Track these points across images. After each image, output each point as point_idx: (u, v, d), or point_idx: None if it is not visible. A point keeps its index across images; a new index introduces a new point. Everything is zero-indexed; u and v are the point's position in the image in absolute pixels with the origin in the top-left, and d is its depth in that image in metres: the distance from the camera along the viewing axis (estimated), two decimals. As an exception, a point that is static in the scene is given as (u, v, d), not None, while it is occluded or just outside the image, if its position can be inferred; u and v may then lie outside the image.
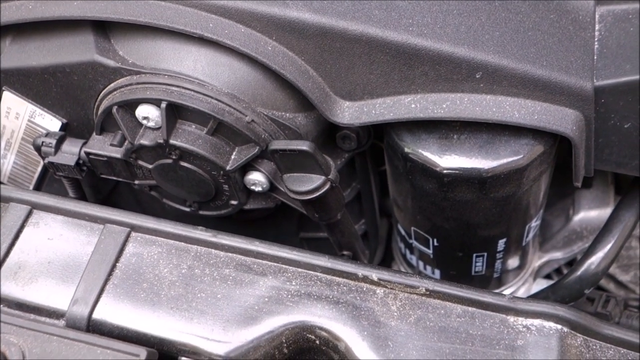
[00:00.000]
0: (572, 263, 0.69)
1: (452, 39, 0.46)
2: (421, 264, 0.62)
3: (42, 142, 0.54)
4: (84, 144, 0.54)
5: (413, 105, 0.48)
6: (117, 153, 0.52)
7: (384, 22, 0.46)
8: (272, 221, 0.64)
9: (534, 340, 0.42)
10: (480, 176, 0.48)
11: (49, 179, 0.67)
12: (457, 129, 0.49)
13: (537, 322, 0.43)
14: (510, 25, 0.47)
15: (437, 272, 0.62)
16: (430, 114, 0.48)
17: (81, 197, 0.61)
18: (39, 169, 0.64)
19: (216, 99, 0.48)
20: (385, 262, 0.74)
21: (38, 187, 0.67)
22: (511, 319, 0.43)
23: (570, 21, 0.48)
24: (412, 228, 0.58)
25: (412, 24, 0.46)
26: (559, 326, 0.42)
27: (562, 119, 0.46)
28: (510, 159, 0.48)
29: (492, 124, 0.48)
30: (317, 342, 0.44)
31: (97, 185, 0.62)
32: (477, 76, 0.46)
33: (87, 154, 0.53)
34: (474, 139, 0.49)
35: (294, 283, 0.45)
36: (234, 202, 0.55)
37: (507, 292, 0.64)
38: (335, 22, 0.46)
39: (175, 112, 0.49)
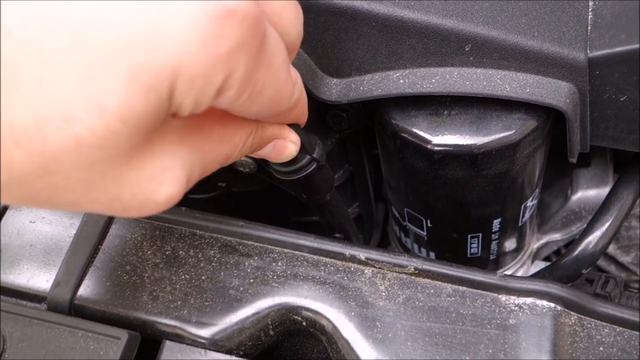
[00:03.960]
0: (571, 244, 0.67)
1: (439, 10, 0.44)
2: (416, 246, 0.61)
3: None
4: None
5: (402, 81, 0.47)
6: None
7: (369, -6, 0.45)
8: (264, 205, 0.63)
9: (526, 319, 0.41)
10: (471, 152, 0.47)
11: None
12: (448, 104, 0.48)
13: (529, 300, 0.41)
14: (501, -5, 0.45)
15: (432, 255, 0.60)
16: (419, 89, 0.46)
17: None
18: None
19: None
20: (382, 247, 0.73)
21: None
22: (503, 297, 0.42)
23: (563, -9, 0.46)
24: (405, 209, 0.57)
25: (399, -4, 0.45)
26: (552, 304, 0.41)
27: (555, 92, 0.45)
28: (501, 135, 0.46)
29: (483, 99, 0.47)
30: (304, 323, 0.42)
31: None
32: (467, 49, 0.45)
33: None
34: (465, 115, 0.47)
35: (279, 264, 0.44)
36: (221, 184, 0.54)
37: (504, 274, 0.63)
38: (319, -6, 0.45)
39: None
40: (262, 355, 0.44)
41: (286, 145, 0.41)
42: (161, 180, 0.29)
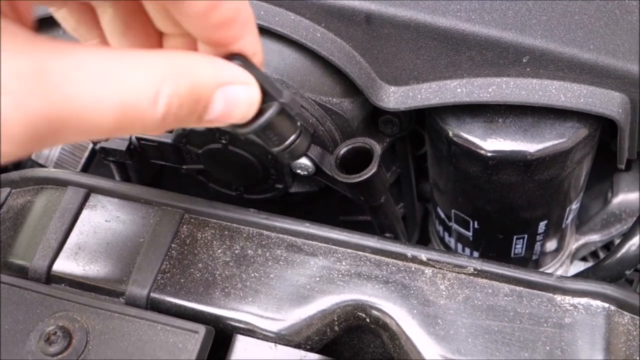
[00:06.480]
0: (609, 246, 0.69)
1: (499, 23, 0.47)
2: (459, 246, 0.63)
3: (94, 127, 0.55)
4: (134, 129, 0.55)
5: (459, 90, 0.49)
6: (167, 138, 0.54)
7: (432, 7, 0.47)
8: (313, 204, 0.65)
9: (581, 318, 0.43)
10: (525, 159, 0.49)
11: (95, 164, 0.69)
12: (502, 112, 0.50)
13: (584, 300, 0.44)
14: (557, 9, 0.47)
15: (476, 254, 0.62)
16: (476, 98, 0.48)
17: (127, 181, 0.63)
18: (86, 154, 0.66)
19: (266, 85, 0.49)
20: (421, 244, 0.75)
21: (84, 172, 0.69)
22: (558, 297, 0.44)
23: (617, 5, 0.48)
24: (453, 211, 0.59)
25: (460, 9, 0.47)
26: (606, 304, 0.43)
27: (608, 102, 0.47)
28: (555, 142, 0.48)
29: (537, 108, 0.49)
30: (368, 320, 0.45)
31: (142, 170, 0.64)
32: (524, 60, 0.47)
33: (138, 139, 0.55)
34: (519, 123, 0.49)
35: (344, 263, 0.46)
36: (279, 186, 0.56)
37: (544, 274, 0.65)
38: (385, 8, 0.47)
39: (225, 98, 0.50)
40: (323, 349, 0.47)
41: (238, 93, 0.27)
42: None
